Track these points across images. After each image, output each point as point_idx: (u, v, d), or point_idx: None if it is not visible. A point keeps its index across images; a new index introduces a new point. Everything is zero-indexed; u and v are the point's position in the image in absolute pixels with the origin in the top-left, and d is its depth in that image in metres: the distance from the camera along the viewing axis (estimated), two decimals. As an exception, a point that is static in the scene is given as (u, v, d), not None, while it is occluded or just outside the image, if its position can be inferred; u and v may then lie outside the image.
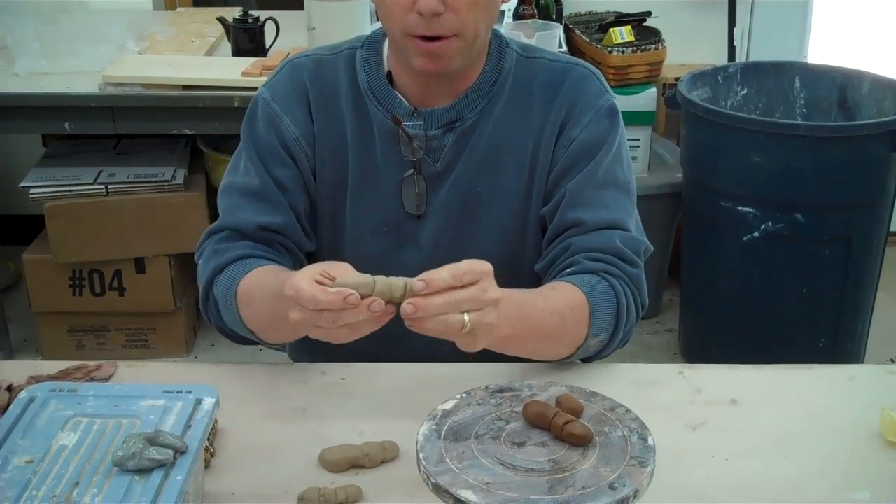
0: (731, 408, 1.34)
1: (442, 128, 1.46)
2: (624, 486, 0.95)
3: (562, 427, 1.02)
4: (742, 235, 2.79)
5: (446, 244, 1.49)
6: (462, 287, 1.13)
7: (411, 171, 1.47)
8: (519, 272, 1.52)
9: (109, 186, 2.96)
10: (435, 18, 1.31)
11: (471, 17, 1.33)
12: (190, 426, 1.09)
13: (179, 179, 2.99)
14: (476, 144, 1.47)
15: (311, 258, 1.57)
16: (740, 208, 2.77)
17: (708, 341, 3.06)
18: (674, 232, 3.31)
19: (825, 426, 1.30)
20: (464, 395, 1.11)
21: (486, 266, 1.17)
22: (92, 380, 1.38)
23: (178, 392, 1.14)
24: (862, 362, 3.01)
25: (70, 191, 2.94)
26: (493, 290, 1.17)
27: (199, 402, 1.13)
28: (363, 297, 1.12)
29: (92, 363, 1.42)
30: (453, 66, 1.38)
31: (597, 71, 1.51)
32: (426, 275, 1.13)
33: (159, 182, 2.98)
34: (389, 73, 1.48)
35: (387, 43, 1.48)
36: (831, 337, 2.90)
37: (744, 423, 1.30)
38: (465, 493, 0.92)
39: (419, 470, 0.98)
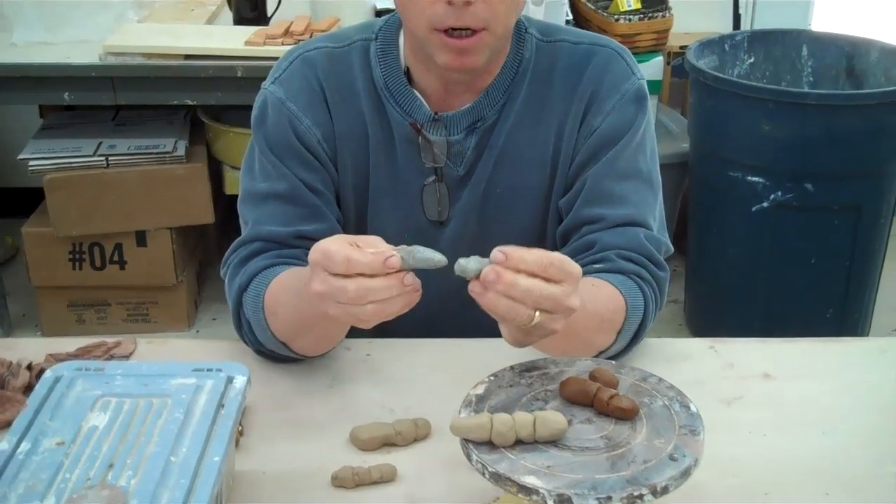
0: (765, 382, 1.32)
1: (464, 131, 1.39)
2: (684, 456, 0.93)
3: (607, 402, 1.00)
4: (751, 205, 2.77)
5: (465, 249, 1.41)
6: (546, 280, 1.02)
7: (432, 177, 1.41)
8: None
9: (110, 158, 2.92)
10: (465, 8, 1.23)
11: (502, 9, 1.25)
12: (223, 405, 1.06)
13: (181, 151, 2.95)
14: (494, 143, 1.40)
15: None
16: (749, 178, 2.75)
17: (714, 312, 3.05)
18: (679, 203, 3.28)
19: (861, 400, 1.28)
20: (492, 378, 1.08)
21: (576, 269, 1.05)
22: (112, 357, 1.35)
23: (207, 370, 1.11)
24: (868, 332, 3.00)
25: (70, 163, 2.90)
26: (574, 299, 1.05)
27: (230, 380, 1.10)
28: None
29: (111, 340, 1.39)
30: (480, 62, 1.29)
31: (623, 50, 1.42)
32: (510, 249, 1.03)
33: (160, 154, 2.94)
34: (407, 69, 1.39)
35: (402, 35, 1.39)
36: (839, 307, 2.89)
37: (779, 398, 1.29)
38: (529, 479, 0.89)
39: (470, 461, 0.95)
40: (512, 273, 1.01)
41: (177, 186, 2.97)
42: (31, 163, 2.90)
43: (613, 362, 1.11)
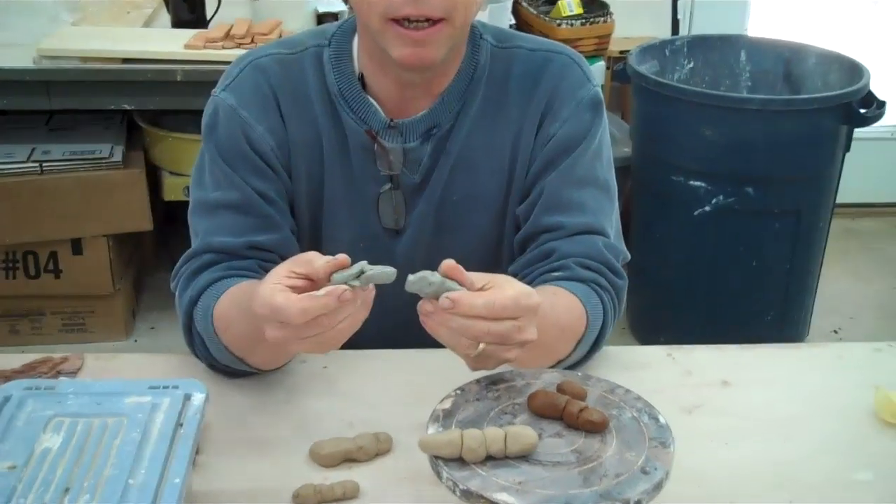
0: (724, 389, 1.32)
1: (420, 138, 1.36)
2: (655, 469, 0.93)
3: (577, 415, 0.99)
4: (693, 209, 2.79)
5: (422, 258, 1.38)
6: (495, 319, 1.03)
7: (388, 185, 1.38)
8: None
9: (44, 164, 2.84)
10: None
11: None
12: (181, 424, 1.03)
13: (118, 156, 2.88)
14: (450, 150, 1.38)
15: None
16: (691, 182, 2.77)
17: (657, 316, 3.07)
18: (621, 207, 3.30)
19: (819, 406, 1.29)
20: (458, 392, 1.07)
21: (533, 302, 1.05)
22: (59, 373, 1.31)
23: (164, 387, 1.08)
24: (808, 334, 3.05)
25: (2, 170, 2.81)
26: (529, 332, 1.05)
27: (188, 397, 1.07)
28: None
29: (57, 355, 1.35)
30: (439, 56, 1.26)
31: (578, 57, 1.41)
32: (459, 295, 1.02)
33: (97, 159, 2.87)
34: (361, 74, 1.36)
35: (356, 41, 1.37)
36: (779, 309, 2.93)
37: (738, 405, 1.29)
38: (501, 496, 0.88)
39: (440, 478, 0.93)
40: (446, 312, 1.02)
41: (113, 193, 2.90)
42: (-39, 170, 2.81)
43: (579, 374, 1.10)
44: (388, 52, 1.26)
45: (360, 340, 1.17)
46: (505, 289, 1.05)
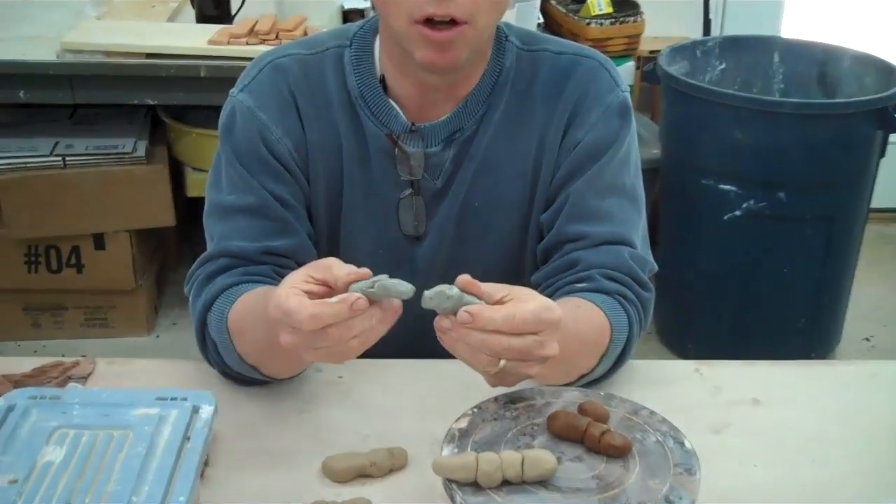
0: (754, 408, 1.27)
1: (442, 142, 1.33)
2: (680, 498, 0.89)
3: (598, 438, 0.95)
4: (723, 214, 2.74)
5: (442, 265, 1.36)
6: (515, 335, 0.99)
7: (409, 190, 1.35)
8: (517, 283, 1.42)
9: (67, 158, 2.83)
10: None
11: (486, 2, 1.19)
12: (188, 438, 0.99)
13: (141, 151, 2.87)
14: (473, 155, 1.34)
15: None
16: (722, 186, 2.72)
17: (685, 322, 3.02)
18: (649, 210, 3.25)
19: (852, 427, 1.24)
20: (475, 411, 1.03)
21: (554, 316, 1.01)
22: (69, 378, 1.28)
23: (172, 399, 1.05)
24: (840, 341, 2.98)
25: (26, 163, 2.81)
26: (550, 347, 1.02)
27: (196, 409, 1.04)
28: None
29: (68, 360, 1.32)
30: (461, 59, 1.22)
31: (607, 61, 1.37)
32: (478, 309, 0.99)
33: (120, 154, 2.85)
34: (383, 77, 1.32)
35: (378, 42, 1.33)
36: (811, 316, 2.87)
37: (769, 425, 1.24)
38: None
39: (454, 502, 0.89)
40: (465, 326, 0.98)
41: (136, 188, 2.88)
42: (-16, 163, 2.80)
43: (602, 394, 1.05)
44: (412, 54, 1.22)
45: (377, 348, 1.14)
46: (525, 302, 1.01)
